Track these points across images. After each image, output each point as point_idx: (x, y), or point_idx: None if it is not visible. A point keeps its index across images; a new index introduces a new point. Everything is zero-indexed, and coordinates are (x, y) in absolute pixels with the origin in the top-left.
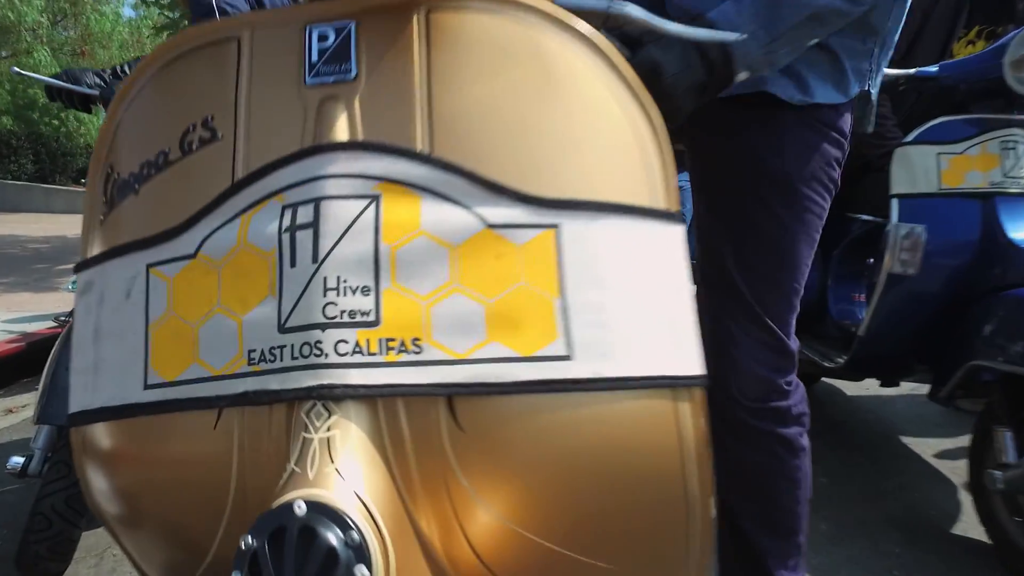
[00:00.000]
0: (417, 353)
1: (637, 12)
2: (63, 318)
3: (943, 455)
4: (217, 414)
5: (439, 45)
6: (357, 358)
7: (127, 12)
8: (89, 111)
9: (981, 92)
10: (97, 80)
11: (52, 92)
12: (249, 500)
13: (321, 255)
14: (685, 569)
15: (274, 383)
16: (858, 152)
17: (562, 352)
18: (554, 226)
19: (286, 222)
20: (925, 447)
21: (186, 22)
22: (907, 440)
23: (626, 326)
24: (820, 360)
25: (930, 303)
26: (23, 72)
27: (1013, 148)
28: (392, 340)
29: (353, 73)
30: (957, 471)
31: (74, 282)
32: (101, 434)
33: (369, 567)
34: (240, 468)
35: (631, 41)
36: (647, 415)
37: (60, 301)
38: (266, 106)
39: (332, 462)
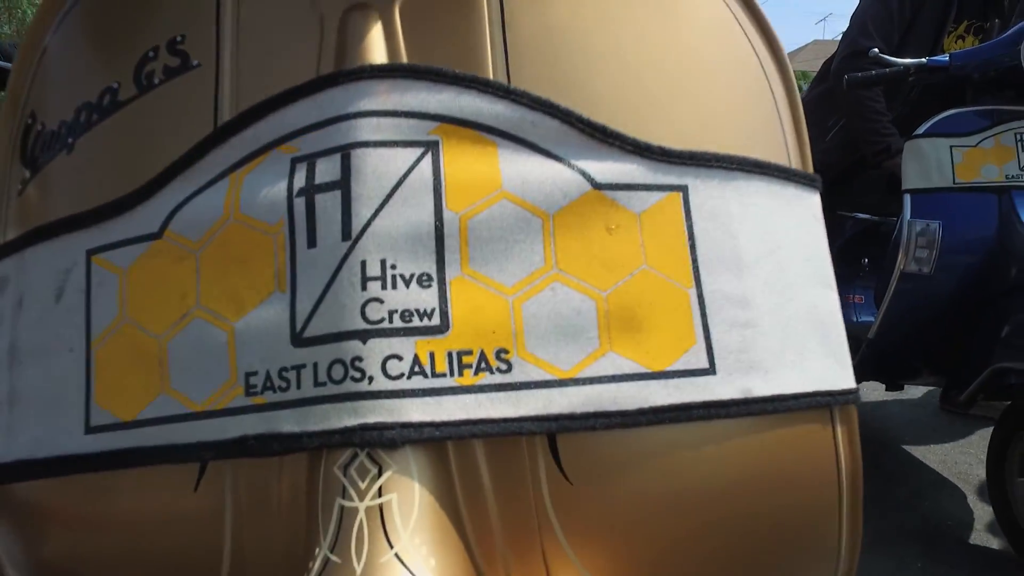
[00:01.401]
0: (505, 372)
1: None
2: None
3: (947, 461)
4: (199, 469)
5: None
6: (417, 382)
7: None
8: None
9: (990, 83)
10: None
11: None
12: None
13: (356, 229)
14: None
15: (289, 423)
16: (853, 149)
17: (703, 364)
18: (682, 188)
19: (299, 181)
20: (928, 453)
21: None
22: (909, 447)
23: (775, 327)
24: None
25: (945, 303)
26: None
27: None
28: (468, 354)
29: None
30: (963, 476)
31: None
32: (23, 498)
33: None
34: (236, 549)
35: None
36: (803, 442)
37: None
38: (263, 19)
39: (390, 545)
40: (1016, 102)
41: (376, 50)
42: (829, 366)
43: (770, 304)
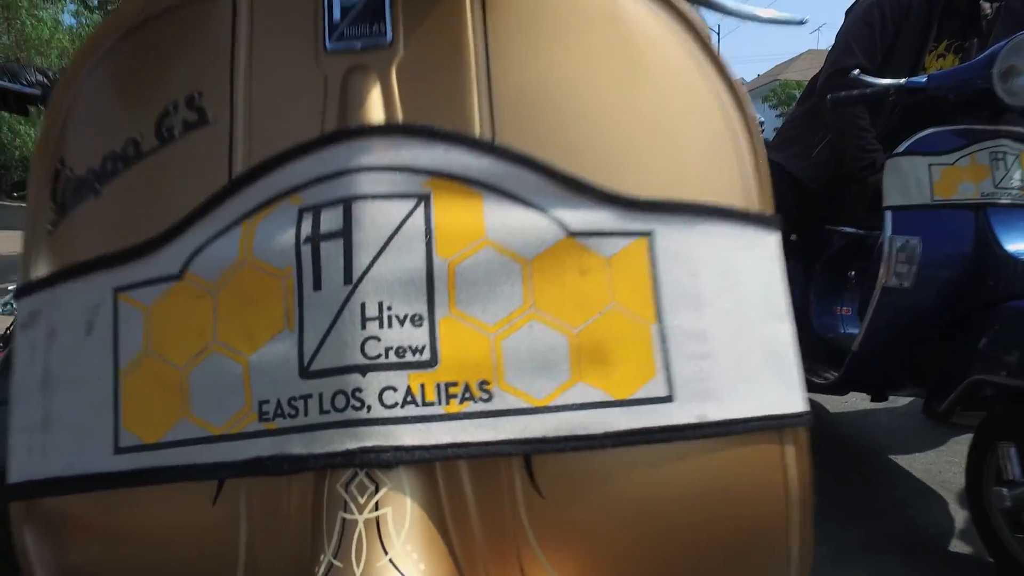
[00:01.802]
0: (486, 401)
1: None
2: None
3: (931, 469)
4: (217, 486)
5: (497, 4)
6: (410, 410)
7: (67, 20)
8: (26, 113)
9: (967, 103)
10: (40, 78)
11: None
12: None
13: (356, 274)
14: None
15: (297, 446)
16: (839, 165)
17: (663, 393)
18: (648, 233)
19: (306, 230)
20: (912, 462)
21: None
22: (894, 456)
23: (729, 357)
24: (809, 376)
25: (925, 316)
26: None
27: (1002, 159)
28: (454, 385)
29: (389, 37)
30: (947, 485)
31: (6, 303)
32: (54, 510)
33: None
34: (250, 558)
35: None
36: (754, 463)
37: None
38: (273, 79)
39: (385, 552)
40: (991, 121)
41: (374, 109)
42: (780, 392)
43: (726, 337)
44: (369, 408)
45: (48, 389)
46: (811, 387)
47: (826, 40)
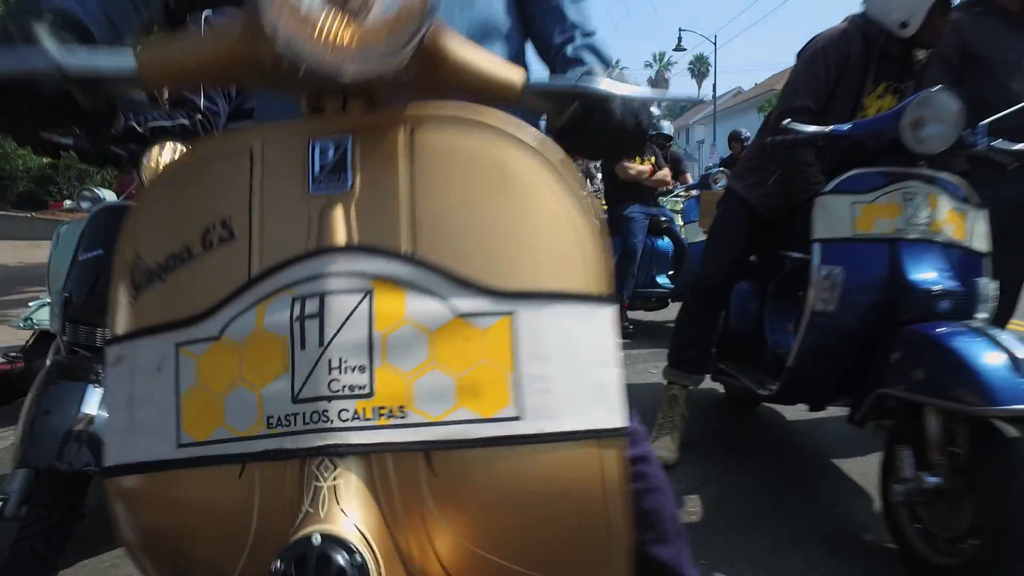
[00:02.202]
0: (402, 418)
1: (594, 85)
2: (13, 355)
3: (868, 472)
4: (241, 467)
5: (421, 158)
6: (355, 423)
7: None
8: (59, 157)
9: (887, 147)
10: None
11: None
12: (267, 536)
13: (326, 340)
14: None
15: (289, 443)
16: (788, 195)
17: (513, 414)
18: (511, 313)
19: (296, 312)
20: (853, 465)
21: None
22: (837, 460)
23: (564, 391)
24: (756, 388)
25: (847, 336)
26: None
27: (912, 198)
28: (383, 408)
29: (349, 184)
30: (875, 486)
31: (27, 319)
32: (136, 483)
33: None
34: (260, 510)
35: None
36: (578, 460)
37: (10, 334)
38: (276, 211)
39: (338, 503)
40: (907, 164)
41: (339, 233)
42: (601, 414)
43: (563, 379)
44: (332, 421)
45: (132, 406)
46: (761, 397)
47: None
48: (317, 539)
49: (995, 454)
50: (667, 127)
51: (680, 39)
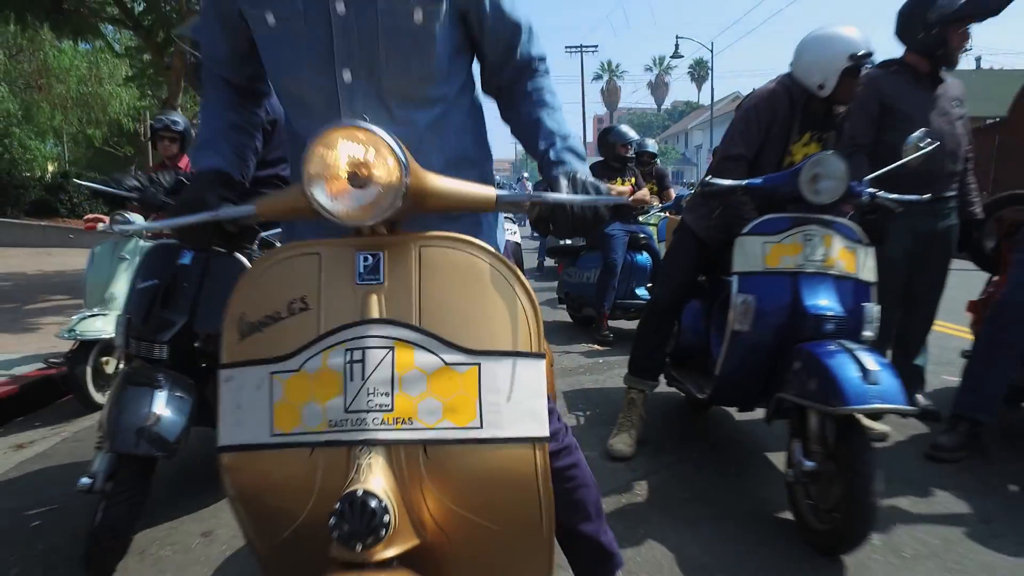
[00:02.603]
0: (409, 425)
1: (549, 196)
2: (53, 360)
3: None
4: (311, 451)
5: (425, 266)
6: (382, 427)
7: (83, 44)
8: (123, 206)
9: (791, 196)
10: (135, 183)
11: (96, 191)
12: (325, 493)
13: (366, 376)
14: (540, 532)
15: (342, 437)
16: (728, 228)
17: (477, 425)
18: (477, 364)
19: (347, 358)
20: (778, 457)
21: (151, 69)
22: (768, 453)
23: (509, 412)
24: (696, 392)
25: (760, 351)
26: (82, 182)
27: (811, 239)
28: (398, 418)
29: (381, 280)
30: None
31: (70, 330)
32: (238, 457)
33: (389, 516)
34: (322, 477)
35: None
36: (518, 454)
37: (43, 341)
38: (335, 294)
39: (371, 474)
40: (808, 211)
41: (375, 310)
42: (533, 427)
43: (508, 405)
44: (368, 425)
45: (239, 409)
46: (701, 401)
47: None
48: (360, 492)
49: (849, 444)
50: (651, 145)
51: (677, 46)
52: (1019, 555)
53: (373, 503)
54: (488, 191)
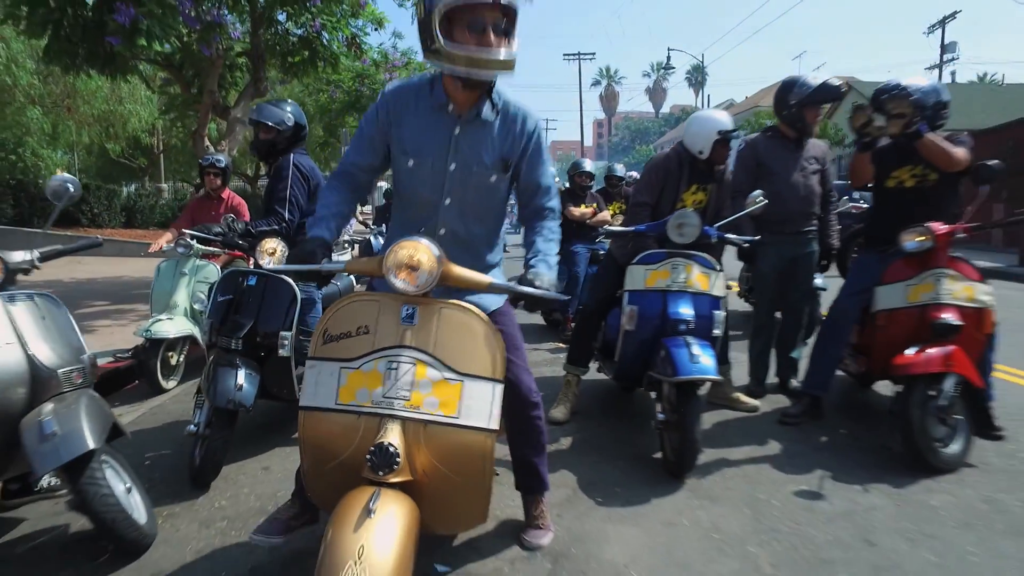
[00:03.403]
0: (418, 411)
1: (518, 288)
2: (120, 355)
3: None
4: (358, 416)
5: (442, 319)
6: (402, 410)
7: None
8: (209, 243)
9: (665, 238)
10: (218, 230)
11: (208, 240)
12: (363, 442)
13: (398, 379)
14: (484, 484)
15: (378, 411)
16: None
17: (456, 416)
18: (462, 380)
19: (388, 366)
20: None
21: (179, 99)
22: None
23: (476, 411)
24: (609, 375)
25: (642, 345)
26: (193, 232)
27: (676, 267)
28: (413, 406)
29: (415, 323)
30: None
31: (146, 330)
32: (311, 415)
33: (399, 459)
34: (362, 433)
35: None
36: (476, 437)
37: (102, 339)
38: (386, 327)
39: (393, 434)
40: (675, 248)
41: (409, 339)
42: (486, 421)
43: (476, 407)
44: (395, 407)
45: (317, 385)
46: (615, 382)
47: (807, 66)
48: (386, 443)
49: (684, 403)
50: (619, 169)
51: (669, 58)
52: (807, 472)
53: (392, 450)
54: (485, 279)
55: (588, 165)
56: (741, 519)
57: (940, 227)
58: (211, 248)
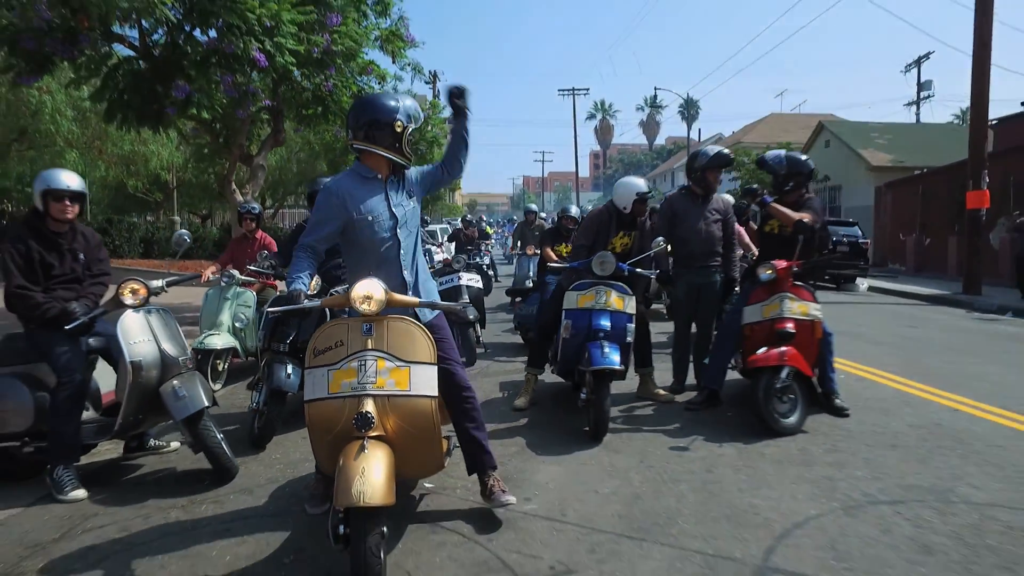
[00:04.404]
0: (382, 389)
1: (429, 305)
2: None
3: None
4: (344, 400)
5: (390, 328)
6: (373, 390)
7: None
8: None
9: (591, 271)
10: (266, 264)
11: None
12: (347, 416)
13: (366, 371)
14: (435, 436)
15: (357, 393)
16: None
17: (408, 390)
18: (409, 366)
19: (359, 363)
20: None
21: (206, 150)
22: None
23: (420, 384)
24: (557, 373)
25: (575, 348)
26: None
27: (599, 293)
28: (378, 387)
29: (372, 333)
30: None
31: (200, 343)
32: (312, 405)
33: (374, 421)
34: (348, 410)
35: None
36: (425, 402)
37: None
38: (353, 339)
39: (368, 406)
40: (598, 279)
41: (371, 344)
42: (429, 391)
43: (420, 381)
44: (367, 388)
45: (314, 383)
46: (572, 382)
47: (788, 104)
48: (365, 410)
49: (597, 388)
50: (573, 210)
51: (655, 96)
52: (688, 437)
53: (368, 415)
54: (413, 300)
55: (574, 211)
56: (630, 461)
57: (781, 263)
58: (248, 278)
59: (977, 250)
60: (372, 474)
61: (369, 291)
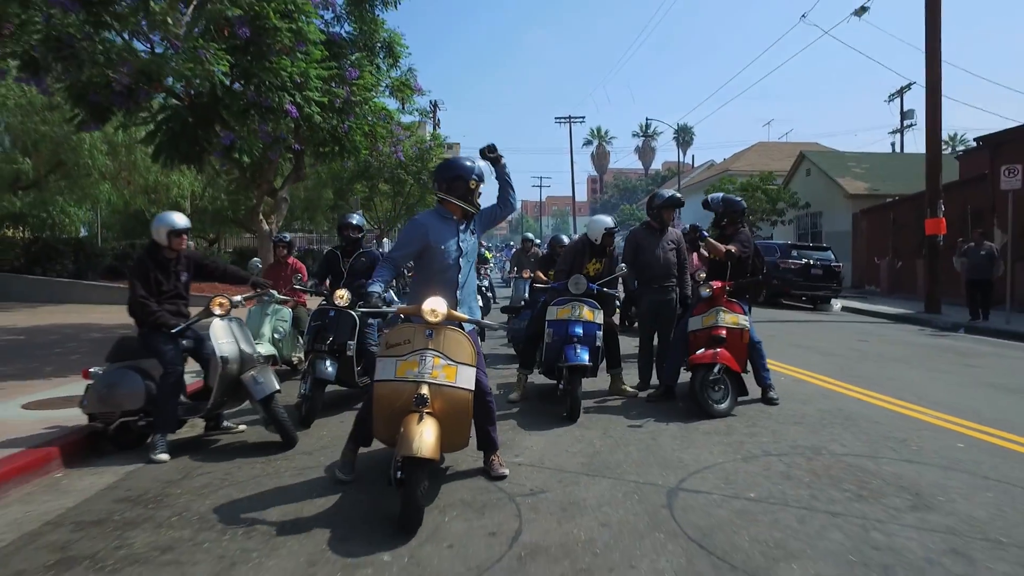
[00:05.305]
0: (437, 380)
1: (480, 321)
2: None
3: (599, 404)
4: (406, 383)
5: (446, 335)
6: (429, 379)
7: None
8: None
9: (567, 290)
10: (309, 284)
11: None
12: (408, 397)
13: (426, 364)
14: (468, 418)
15: (419, 380)
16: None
17: (455, 382)
18: (458, 366)
19: (420, 358)
20: (585, 394)
21: (232, 186)
22: (586, 393)
23: (464, 380)
24: (543, 373)
25: (555, 350)
26: (272, 293)
27: (574, 307)
28: (433, 377)
29: (433, 336)
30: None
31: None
32: (380, 385)
33: (428, 400)
34: (408, 392)
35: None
36: (465, 393)
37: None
38: (417, 339)
39: (425, 390)
40: (573, 296)
41: (431, 345)
42: (469, 385)
43: (463, 379)
44: (425, 378)
45: (384, 368)
46: (553, 378)
47: (775, 133)
48: (422, 392)
49: (569, 379)
50: (564, 239)
51: (647, 125)
52: (644, 419)
53: (425, 396)
54: (464, 317)
55: (564, 239)
56: (595, 433)
57: (716, 283)
58: (284, 297)
59: (936, 273)
60: (426, 436)
61: (435, 306)
